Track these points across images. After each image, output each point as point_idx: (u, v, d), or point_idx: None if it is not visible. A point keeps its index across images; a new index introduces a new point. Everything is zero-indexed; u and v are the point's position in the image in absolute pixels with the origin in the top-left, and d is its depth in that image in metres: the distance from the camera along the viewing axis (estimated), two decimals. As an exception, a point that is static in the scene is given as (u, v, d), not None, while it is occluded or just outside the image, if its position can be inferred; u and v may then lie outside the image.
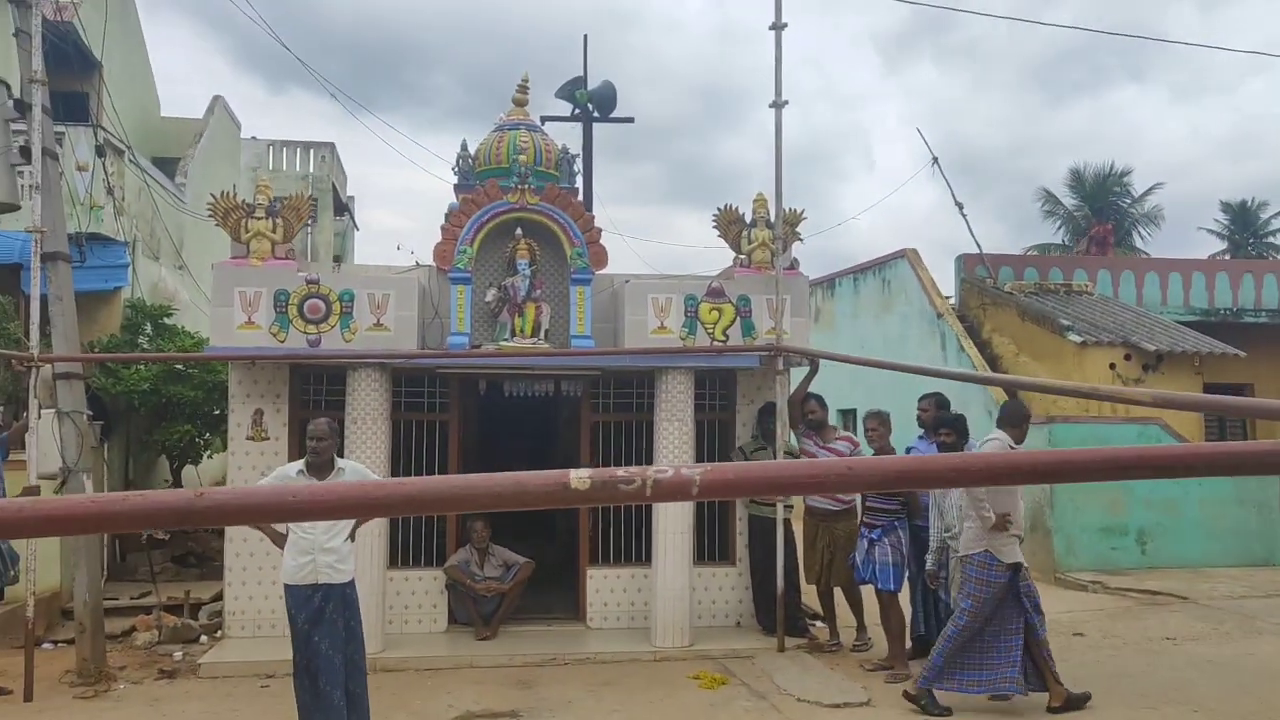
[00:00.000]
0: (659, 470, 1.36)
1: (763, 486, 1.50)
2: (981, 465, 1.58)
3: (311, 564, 5.71)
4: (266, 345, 8.03)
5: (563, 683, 7.46)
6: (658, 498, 1.37)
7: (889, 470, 1.61)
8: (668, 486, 1.36)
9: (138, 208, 11.54)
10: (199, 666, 7.73)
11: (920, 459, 1.56)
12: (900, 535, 7.71)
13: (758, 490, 1.49)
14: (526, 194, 8.59)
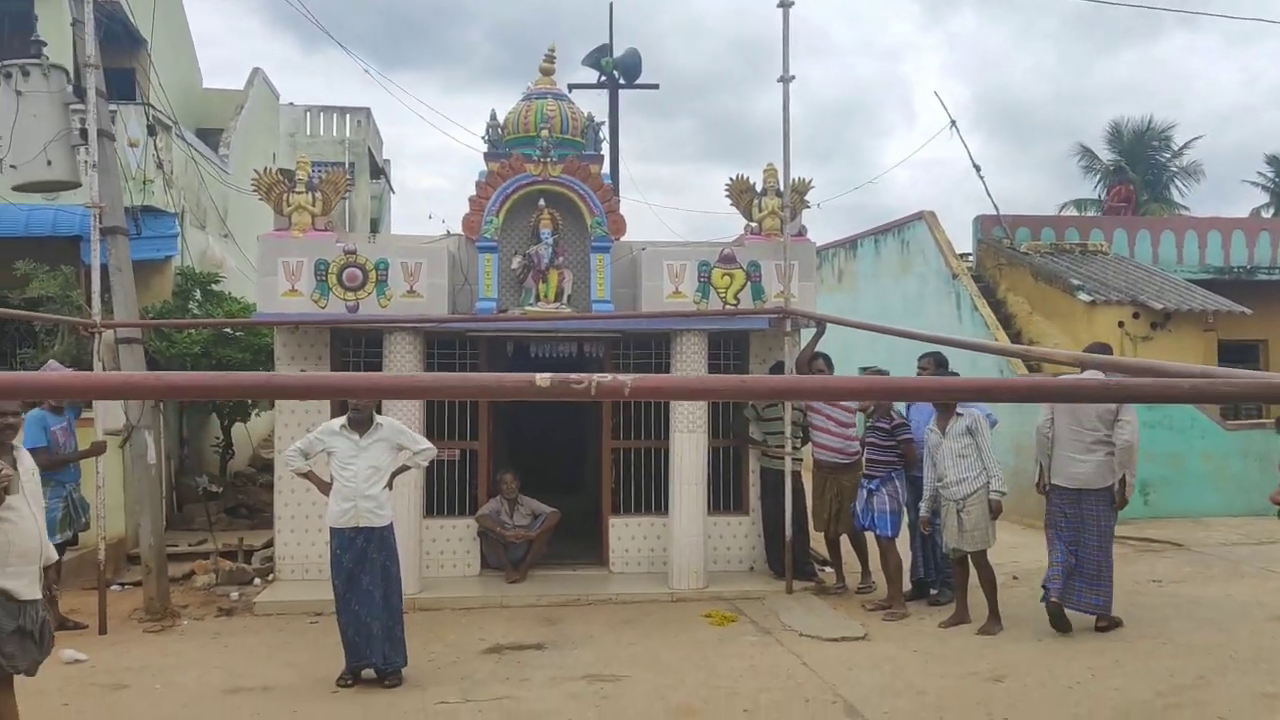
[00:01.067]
0: (601, 376, 1.92)
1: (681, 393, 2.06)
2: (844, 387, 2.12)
3: (354, 509, 6.35)
4: (309, 311, 8.66)
5: (585, 620, 8.11)
6: (600, 396, 1.92)
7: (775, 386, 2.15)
8: (607, 388, 1.91)
9: (185, 180, 12.19)
10: (254, 605, 8.47)
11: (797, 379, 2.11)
12: (897, 485, 8.24)
13: (676, 395, 2.06)
14: (549, 167, 9.11)
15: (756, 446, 9.44)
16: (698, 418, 9.04)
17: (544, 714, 5.93)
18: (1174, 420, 11.79)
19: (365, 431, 6.43)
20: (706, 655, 7.13)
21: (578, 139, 10.17)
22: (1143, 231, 15.36)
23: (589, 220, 9.08)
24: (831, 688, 6.32)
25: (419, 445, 6.74)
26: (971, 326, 13.19)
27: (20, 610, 4.60)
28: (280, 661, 7.06)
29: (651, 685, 6.45)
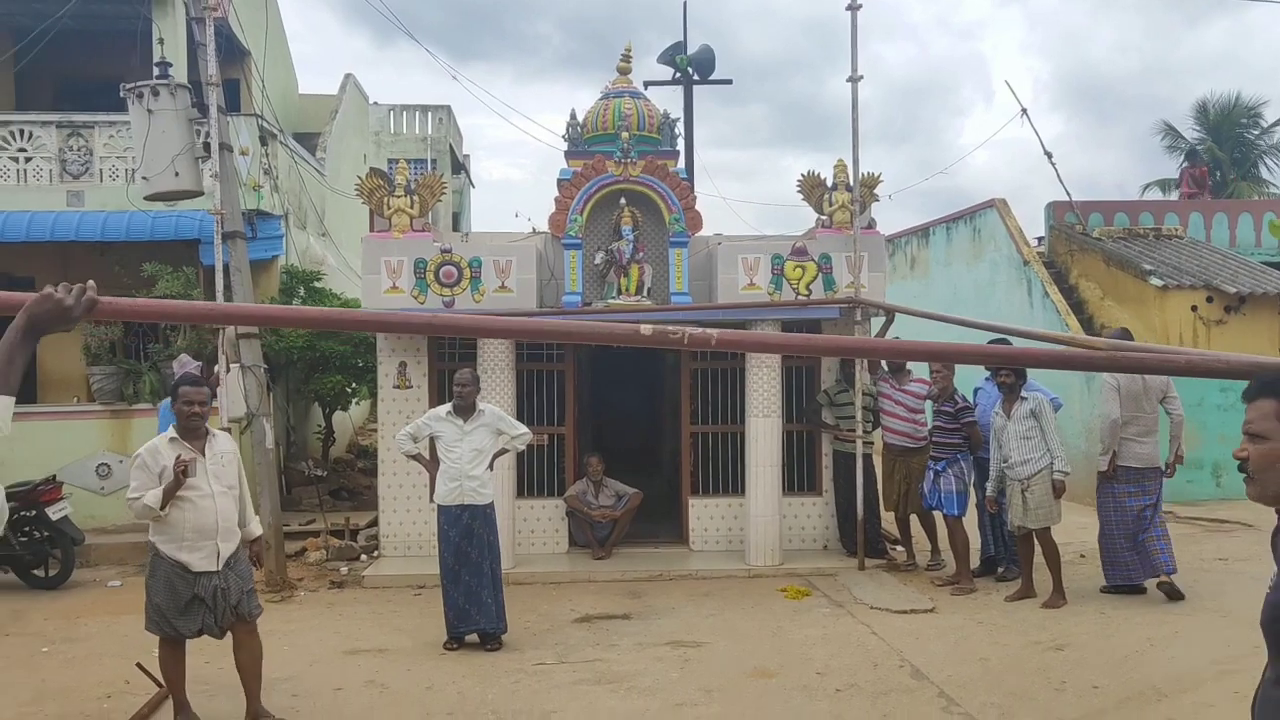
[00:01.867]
0: (692, 329, 2.45)
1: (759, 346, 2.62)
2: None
3: (459, 488, 6.99)
4: (409, 306, 9.35)
5: (667, 593, 8.68)
6: (690, 346, 2.46)
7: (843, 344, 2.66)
8: (698, 338, 2.45)
9: (288, 183, 13.02)
10: (362, 578, 9.20)
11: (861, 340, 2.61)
12: (963, 466, 8.62)
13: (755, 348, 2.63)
14: (629, 167, 9.64)
15: (829, 430, 9.88)
16: (773, 403, 9.52)
17: (632, 674, 6.50)
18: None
19: (469, 417, 7.05)
20: (781, 625, 7.64)
21: (654, 135, 10.73)
22: (1219, 215, 15.35)
23: (667, 217, 9.60)
24: (899, 654, 6.79)
25: (517, 430, 7.34)
26: (1043, 313, 13.40)
27: (195, 581, 5.26)
28: (390, 628, 7.75)
29: (730, 651, 6.98)
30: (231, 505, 5.44)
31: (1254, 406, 2.25)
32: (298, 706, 5.92)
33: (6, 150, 11.35)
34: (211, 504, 5.27)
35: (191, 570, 5.24)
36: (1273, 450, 2.17)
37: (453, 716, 5.79)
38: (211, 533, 5.26)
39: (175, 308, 3.94)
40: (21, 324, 2.38)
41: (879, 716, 5.69)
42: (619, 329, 2.51)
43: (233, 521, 5.43)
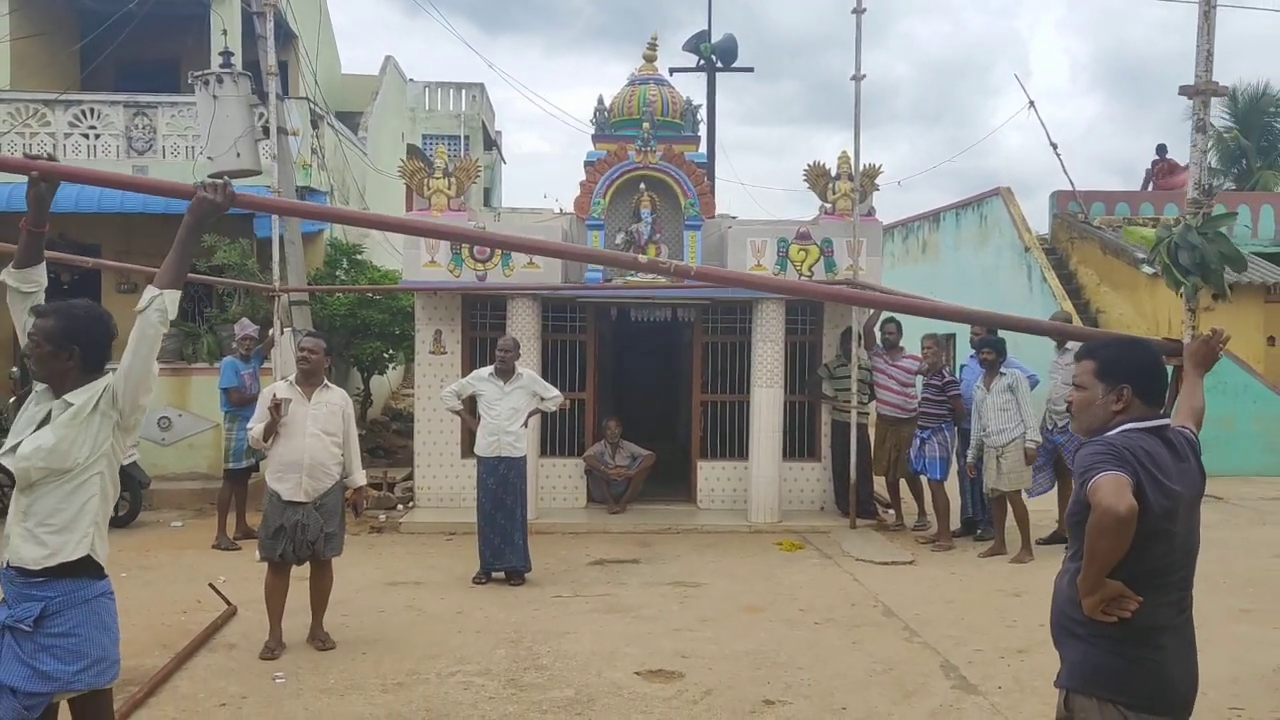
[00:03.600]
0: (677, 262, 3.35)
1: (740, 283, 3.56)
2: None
3: (497, 441, 7.88)
4: (445, 280, 10.26)
5: (674, 544, 9.58)
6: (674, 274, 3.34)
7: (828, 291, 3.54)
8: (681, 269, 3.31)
9: (333, 162, 13.93)
10: (399, 525, 10.16)
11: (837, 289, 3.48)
12: (946, 435, 9.45)
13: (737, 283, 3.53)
14: (649, 155, 10.47)
15: (828, 401, 10.72)
16: (776, 375, 10.37)
17: (638, 606, 7.41)
18: (1228, 386, 12.63)
19: (509, 379, 7.94)
20: (774, 571, 8.54)
21: (677, 121, 11.59)
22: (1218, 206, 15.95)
23: (683, 202, 10.43)
24: (875, 596, 7.66)
25: (550, 393, 8.21)
26: (1041, 297, 14.14)
27: (283, 510, 6.16)
28: (425, 566, 8.70)
29: (726, 590, 7.88)
30: (324, 448, 6.17)
31: (1080, 365, 3.08)
32: (348, 624, 6.86)
33: (78, 127, 12.32)
34: (302, 443, 6.12)
35: (281, 499, 6.14)
36: (1087, 396, 3.00)
37: (480, 634, 6.72)
38: (297, 468, 6.13)
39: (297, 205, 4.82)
40: (190, 221, 3.26)
41: (849, 643, 6.56)
42: (623, 256, 3.41)
43: (322, 462, 6.17)
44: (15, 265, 3.35)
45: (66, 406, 3.17)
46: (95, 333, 3.27)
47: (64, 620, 3.12)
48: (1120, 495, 2.58)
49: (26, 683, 3.07)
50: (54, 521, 3.13)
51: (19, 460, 3.12)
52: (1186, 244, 3.49)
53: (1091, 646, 2.77)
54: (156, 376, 3.31)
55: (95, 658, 3.17)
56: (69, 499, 3.14)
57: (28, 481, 3.13)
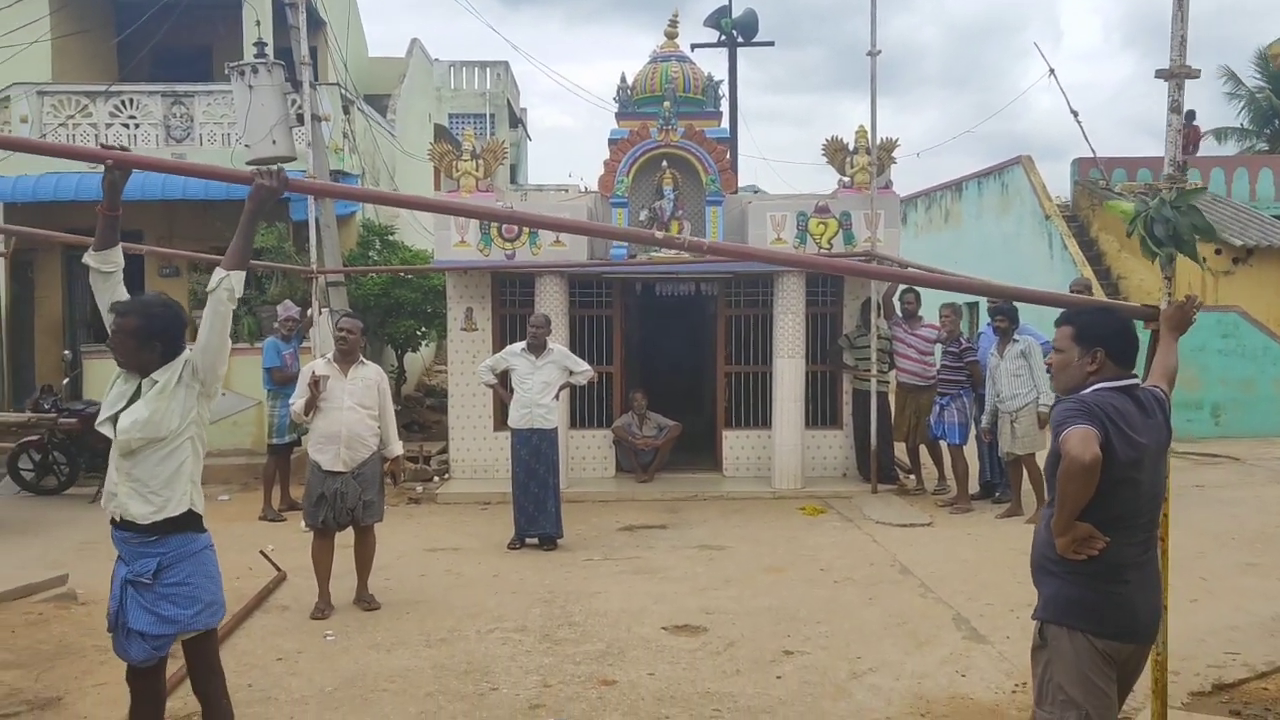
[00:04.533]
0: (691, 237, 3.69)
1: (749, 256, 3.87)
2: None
3: (529, 413, 8.25)
4: (475, 259, 10.62)
5: (701, 510, 9.94)
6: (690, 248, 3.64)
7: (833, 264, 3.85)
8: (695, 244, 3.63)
9: (363, 145, 14.29)
10: (436, 495, 10.58)
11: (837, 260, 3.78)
12: (965, 401, 9.71)
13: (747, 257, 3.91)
14: (670, 133, 10.74)
15: (849, 370, 11.00)
16: (798, 345, 10.66)
17: (665, 568, 7.77)
18: (1247, 349, 12.78)
19: (541, 354, 8.30)
20: (796, 534, 8.88)
21: (699, 97, 11.88)
22: (1240, 169, 16.03)
23: (704, 178, 10.71)
24: (893, 556, 7.99)
25: (580, 368, 8.55)
26: (1061, 264, 14.31)
27: (324, 479, 6.56)
28: (462, 533, 9.11)
29: (750, 552, 8.23)
30: (361, 421, 6.57)
31: (1059, 330, 3.38)
32: (391, 587, 7.26)
33: (119, 117, 12.75)
34: (340, 416, 6.52)
35: (322, 469, 6.55)
36: (1064, 358, 3.30)
37: (516, 594, 7.10)
38: (337, 439, 6.53)
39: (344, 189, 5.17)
40: (250, 207, 3.64)
41: (866, 599, 6.89)
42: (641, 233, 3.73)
43: (359, 434, 6.57)
44: (95, 248, 3.75)
45: (153, 383, 3.58)
46: (173, 326, 3.68)
47: (178, 571, 3.62)
48: (1086, 446, 2.88)
49: (152, 626, 3.60)
50: (155, 482, 3.56)
51: (120, 433, 3.55)
52: (1161, 217, 3.75)
53: (1064, 582, 3.08)
54: (230, 347, 3.71)
55: (207, 601, 3.69)
56: (165, 461, 3.58)
57: (129, 449, 3.55)
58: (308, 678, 5.48)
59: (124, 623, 3.64)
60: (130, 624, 3.63)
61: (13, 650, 5.86)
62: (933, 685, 5.30)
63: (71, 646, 5.94)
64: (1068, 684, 3.03)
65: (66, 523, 9.66)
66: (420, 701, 5.12)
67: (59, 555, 8.28)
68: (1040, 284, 13.47)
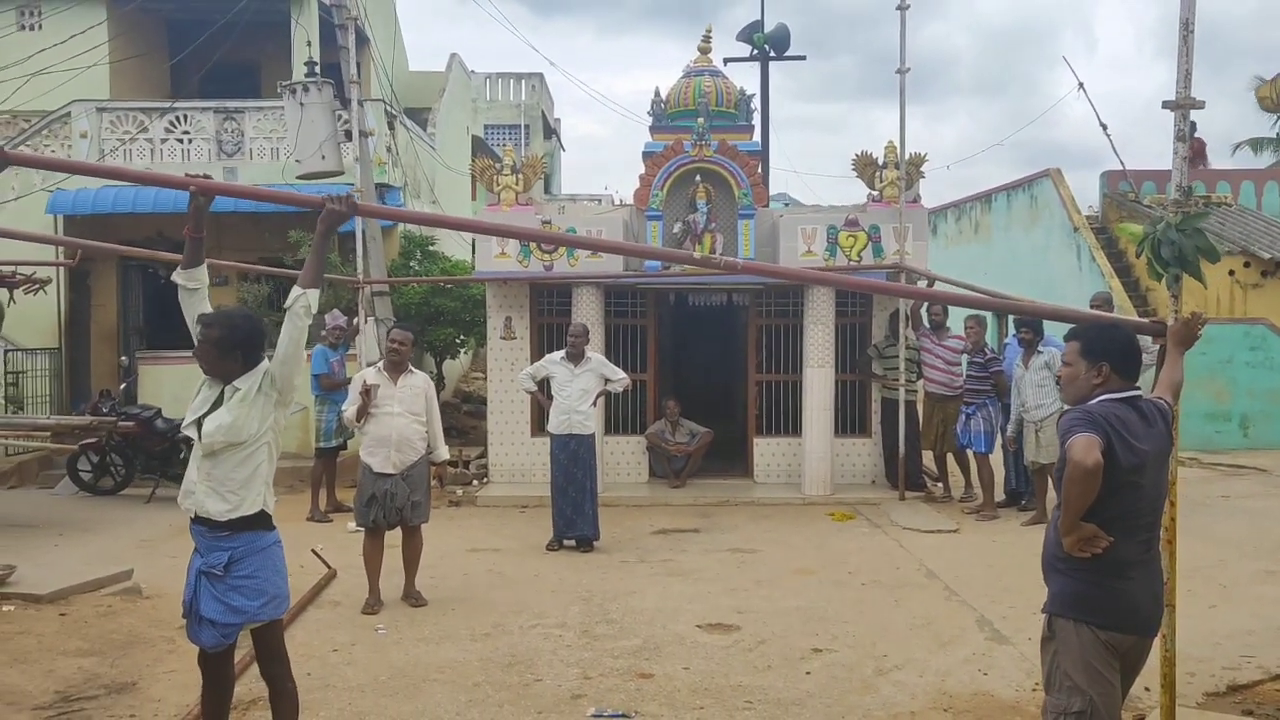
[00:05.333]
0: (728, 258, 3.98)
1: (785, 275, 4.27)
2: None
3: (568, 419, 8.58)
4: (514, 270, 10.98)
5: (732, 515, 10.23)
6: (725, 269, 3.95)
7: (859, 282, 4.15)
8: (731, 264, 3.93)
9: (405, 158, 14.72)
10: (476, 499, 10.94)
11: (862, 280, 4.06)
12: (990, 410, 9.94)
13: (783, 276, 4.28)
14: (704, 148, 11.05)
15: (877, 380, 11.26)
16: (827, 355, 10.93)
17: (698, 569, 8.07)
18: (1275, 361, 12.89)
19: (579, 363, 8.63)
20: (825, 539, 9.14)
21: (731, 111, 12.20)
22: (1270, 183, 16.12)
23: (737, 192, 11.01)
24: (919, 561, 8.23)
25: (617, 376, 8.87)
26: (1090, 276, 14.47)
27: (375, 480, 6.93)
28: (502, 535, 9.44)
29: (780, 556, 8.51)
30: (410, 426, 6.93)
31: (1068, 345, 3.65)
32: (436, 585, 7.60)
33: (173, 132, 13.24)
34: (391, 421, 6.89)
35: (373, 471, 6.91)
36: (1073, 371, 3.57)
37: (555, 593, 7.42)
38: (387, 443, 6.89)
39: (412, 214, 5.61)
40: (322, 230, 4.00)
41: (892, 602, 7.15)
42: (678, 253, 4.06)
43: (408, 438, 6.93)
44: (182, 267, 4.12)
45: (235, 391, 3.93)
46: (253, 338, 4.02)
47: (247, 565, 3.94)
48: (1089, 452, 3.15)
49: (222, 615, 3.92)
50: (232, 482, 3.90)
51: (205, 436, 3.90)
52: (1167, 240, 4.01)
53: (1070, 578, 3.36)
54: (304, 360, 4.05)
55: (272, 594, 4.00)
56: (244, 464, 3.91)
57: (211, 451, 3.90)
58: (362, 667, 5.82)
59: (197, 610, 3.96)
60: (202, 612, 3.94)
61: (87, 639, 6.24)
62: (955, 682, 5.55)
63: (141, 636, 6.32)
64: (1074, 672, 3.30)
65: (124, 521, 10.10)
66: (469, 691, 5.44)
67: (119, 552, 8.69)
68: (1068, 296, 13.65)
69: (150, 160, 13.01)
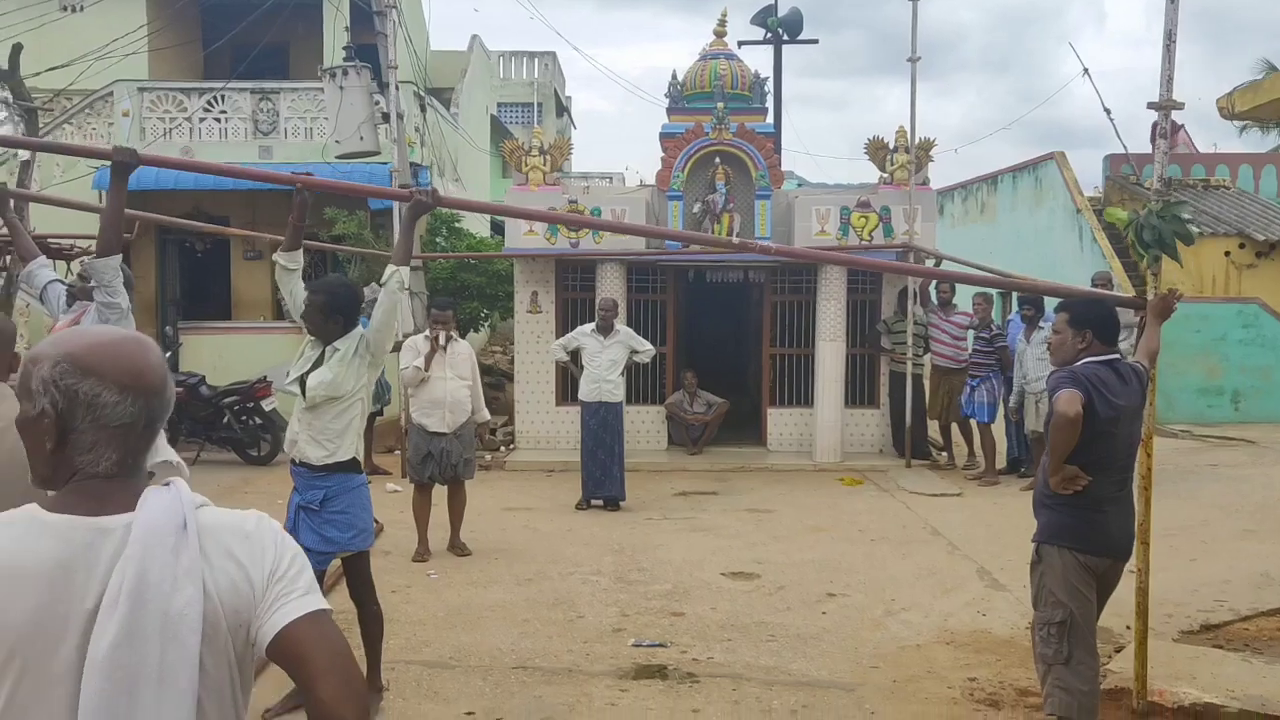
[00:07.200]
0: (763, 243, 4.59)
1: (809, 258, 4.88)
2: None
3: (598, 388, 9.18)
4: (542, 247, 11.56)
5: (747, 480, 10.84)
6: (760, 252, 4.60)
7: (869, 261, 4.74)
8: (766, 248, 4.54)
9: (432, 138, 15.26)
10: (504, 463, 11.56)
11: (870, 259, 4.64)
12: (994, 383, 10.54)
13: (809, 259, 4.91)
14: (723, 132, 11.59)
15: (886, 354, 11.84)
16: (838, 329, 11.51)
17: (718, 526, 8.69)
18: (1266, 338, 13.44)
19: (609, 335, 9.22)
20: (836, 501, 9.76)
21: (746, 94, 12.72)
22: (1269, 166, 16.61)
23: (754, 174, 11.56)
24: (924, 520, 8.85)
25: (643, 347, 9.47)
26: (1091, 256, 14.99)
27: (429, 439, 7.55)
28: (532, 496, 10.07)
29: (794, 515, 9.13)
30: (460, 389, 7.57)
31: (1057, 316, 4.23)
32: (477, 538, 8.21)
33: (210, 113, 13.78)
34: (444, 385, 7.51)
35: (428, 430, 7.53)
36: (1061, 338, 4.15)
37: (588, 546, 8.05)
38: (441, 404, 7.51)
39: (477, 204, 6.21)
40: (409, 217, 4.61)
41: (900, 555, 7.77)
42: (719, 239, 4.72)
43: (459, 399, 7.57)
44: (283, 249, 4.72)
45: (335, 351, 4.53)
46: (352, 303, 4.65)
47: (339, 502, 4.57)
48: (1071, 405, 3.74)
49: (318, 545, 4.55)
50: (330, 432, 4.51)
51: (308, 390, 4.53)
52: (1149, 225, 4.57)
53: (1055, 511, 3.96)
54: (396, 329, 4.67)
55: (361, 528, 4.64)
56: (340, 417, 4.54)
57: (313, 404, 4.52)
58: (420, 605, 6.46)
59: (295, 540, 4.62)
60: (300, 542, 4.58)
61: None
62: (957, 622, 6.17)
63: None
64: (1057, 589, 3.91)
65: (176, 481, 10.72)
66: (519, 625, 6.08)
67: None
68: (1070, 275, 14.17)
69: (189, 139, 13.55)
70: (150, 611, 1.38)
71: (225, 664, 1.50)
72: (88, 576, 1.42)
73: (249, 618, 1.50)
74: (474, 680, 5.18)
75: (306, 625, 1.50)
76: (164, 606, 1.39)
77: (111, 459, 1.49)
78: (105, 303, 4.19)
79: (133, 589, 1.38)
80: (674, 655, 5.55)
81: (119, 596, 1.38)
